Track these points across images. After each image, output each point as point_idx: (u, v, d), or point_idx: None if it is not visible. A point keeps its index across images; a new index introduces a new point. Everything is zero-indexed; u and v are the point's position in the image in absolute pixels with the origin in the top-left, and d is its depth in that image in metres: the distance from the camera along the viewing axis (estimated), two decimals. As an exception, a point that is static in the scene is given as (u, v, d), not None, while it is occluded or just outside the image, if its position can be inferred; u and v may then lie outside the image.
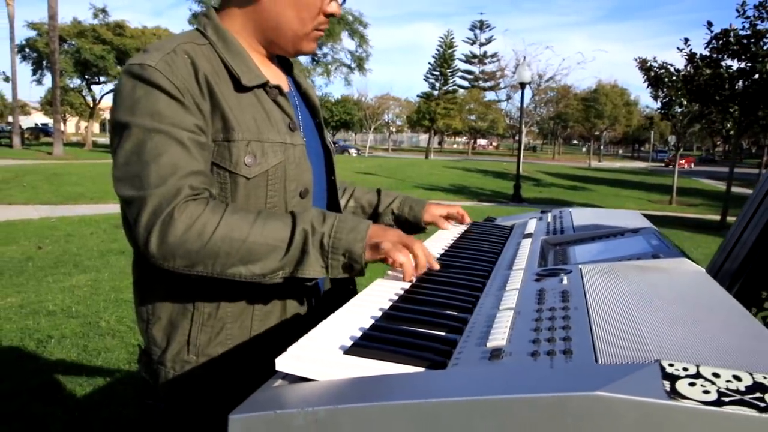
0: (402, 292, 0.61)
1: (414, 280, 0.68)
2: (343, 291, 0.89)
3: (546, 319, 0.44)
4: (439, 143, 54.93)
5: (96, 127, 38.99)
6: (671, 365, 0.32)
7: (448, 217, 1.09)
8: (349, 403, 0.35)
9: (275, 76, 0.86)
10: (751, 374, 0.31)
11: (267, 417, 0.35)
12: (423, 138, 56.82)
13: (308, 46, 0.84)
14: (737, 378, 0.31)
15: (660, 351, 0.35)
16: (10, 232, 6.70)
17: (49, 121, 43.65)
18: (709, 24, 10.25)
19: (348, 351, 0.43)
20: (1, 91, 51.57)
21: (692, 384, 0.30)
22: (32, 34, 29.15)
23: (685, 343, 0.37)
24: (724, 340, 0.37)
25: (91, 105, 32.48)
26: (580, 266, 0.59)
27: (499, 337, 0.42)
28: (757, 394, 0.30)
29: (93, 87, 31.98)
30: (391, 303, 0.57)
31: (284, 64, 0.93)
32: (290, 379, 0.42)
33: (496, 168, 25.68)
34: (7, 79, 24.08)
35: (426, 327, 0.49)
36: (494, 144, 70.64)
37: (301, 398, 0.37)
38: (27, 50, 29.27)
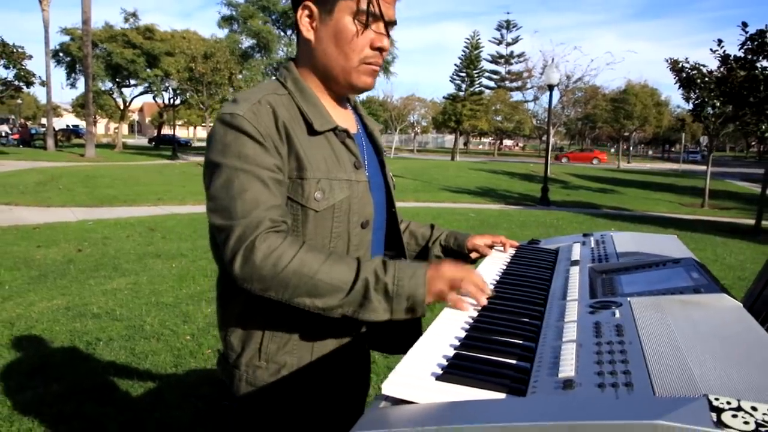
0: (471, 321, 0.70)
1: (478, 308, 0.77)
2: None
3: (606, 353, 0.52)
4: (465, 144, 54.56)
5: (125, 129, 39.79)
6: (717, 399, 0.40)
7: (491, 246, 1.16)
8: (452, 424, 0.44)
9: (345, 119, 0.97)
10: (783, 408, 0.39)
11: (384, 433, 0.45)
12: (448, 139, 56.55)
13: (360, 80, 0.92)
14: (772, 411, 0.39)
15: (706, 386, 0.43)
16: (50, 235, 7.00)
17: (80, 122, 44.53)
18: (744, 25, 9.92)
19: (440, 378, 0.53)
20: (34, 93, 53.24)
21: (734, 416, 0.39)
22: (66, 39, 29.66)
23: (726, 378, 0.45)
24: (759, 376, 0.45)
25: (122, 107, 33.21)
26: (628, 299, 0.66)
27: (567, 369, 0.50)
28: (788, 426, 0.38)
29: (123, 90, 32.60)
30: (463, 331, 0.66)
31: (355, 107, 1.04)
32: (391, 401, 0.52)
33: (523, 170, 25.34)
34: (43, 84, 24.83)
35: (499, 355, 0.58)
36: (520, 145, 69.60)
37: (408, 419, 0.47)
38: (61, 54, 30.03)
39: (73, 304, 4.11)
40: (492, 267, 1.00)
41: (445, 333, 0.66)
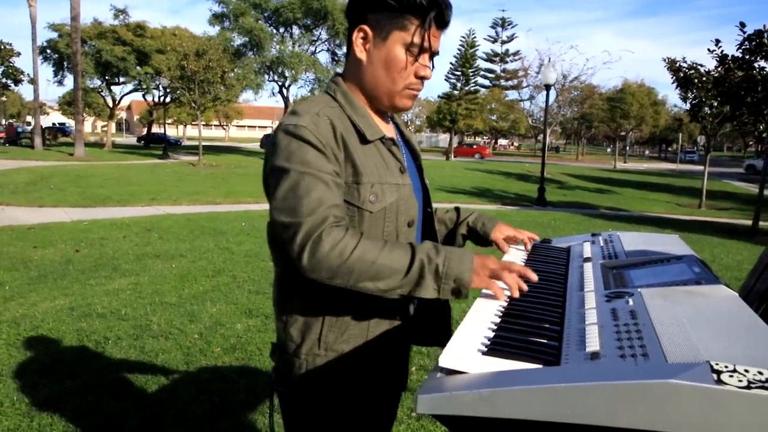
0: (503, 309, 0.81)
1: (506, 299, 0.87)
2: (435, 308, 1.10)
3: (624, 332, 0.63)
4: (459, 143, 54.73)
5: (113, 127, 39.20)
6: (717, 364, 0.51)
7: (514, 239, 1.23)
8: (500, 387, 0.54)
9: (387, 128, 1.08)
10: (769, 371, 0.50)
11: (446, 396, 0.55)
12: (442, 138, 56.54)
13: (402, 102, 1.03)
14: (760, 372, 0.50)
15: (708, 355, 0.54)
16: (46, 236, 6.98)
17: (66, 120, 43.51)
18: (742, 25, 10.05)
19: (486, 353, 0.63)
20: (19, 91, 52.32)
21: (731, 376, 0.49)
22: (53, 35, 29.06)
23: (724, 350, 0.55)
24: (750, 348, 0.55)
25: (111, 105, 32.76)
26: (639, 290, 0.77)
27: (593, 344, 0.61)
28: (773, 383, 0.48)
29: (113, 87, 31.95)
30: (497, 317, 0.77)
31: (392, 118, 1.14)
32: (446, 372, 0.62)
33: (519, 170, 25.47)
34: (31, 81, 24.45)
35: (532, 336, 0.68)
36: (515, 144, 69.82)
37: (464, 384, 0.57)
38: (48, 51, 29.41)
39: (76, 304, 4.15)
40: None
41: (482, 319, 0.77)
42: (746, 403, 0.47)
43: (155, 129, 37.89)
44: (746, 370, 0.50)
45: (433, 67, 1.04)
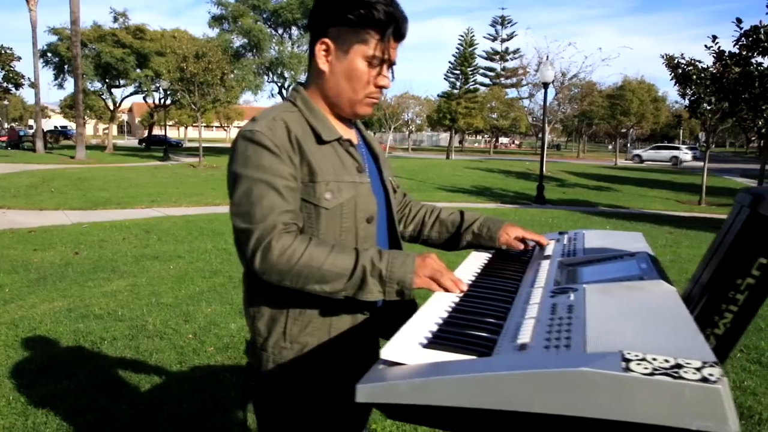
0: (454, 305, 0.85)
1: (461, 294, 0.91)
2: (402, 302, 1.14)
3: (556, 325, 0.66)
4: (460, 142, 54.65)
5: (114, 130, 39.29)
6: (629, 353, 0.55)
7: (524, 240, 1.22)
8: (433, 376, 0.58)
9: (347, 132, 1.13)
10: (675, 358, 0.54)
11: (383, 385, 0.59)
12: (443, 137, 56.54)
13: (363, 110, 1.10)
14: (667, 360, 0.53)
15: (626, 346, 0.58)
16: (46, 238, 7.08)
17: (68, 123, 43.55)
18: (739, 21, 10.04)
19: (425, 346, 0.68)
20: (21, 94, 52.40)
21: (639, 364, 0.53)
22: (54, 38, 29.23)
23: (643, 341, 0.59)
24: (668, 339, 0.59)
25: (112, 108, 32.87)
26: (584, 286, 0.81)
27: (525, 337, 0.65)
28: (675, 370, 0.52)
29: (113, 90, 32.20)
30: (446, 313, 0.81)
31: (355, 123, 1.20)
32: (388, 364, 0.66)
33: (519, 168, 25.47)
34: (32, 85, 24.56)
35: (474, 330, 0.72)
36: (516, 142, 69.71)
37: (402, 374, 0.61)
38: (49, 55, 29.61)
39: (74, 306, 4.20)
40: (477, 261, 1.15)
41: (431, 313, 0.81)
42: (649, 388, 0.51)
43: (156, 131, 38.01)
44: (654, 359, 0.53)
45: (393, 77, 1.10)
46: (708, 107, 12.46)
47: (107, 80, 30.88)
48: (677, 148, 35.13)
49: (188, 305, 4.29)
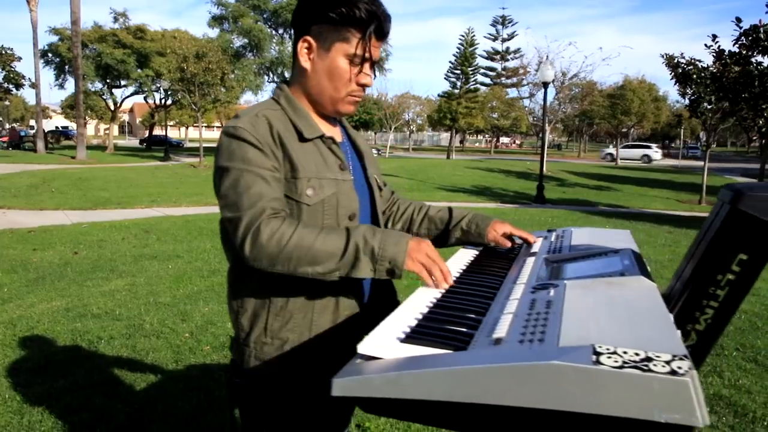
0: (436, 300, 0.85)
1: (443, 289, 0.91)
2: (383, 294, 1.14)
3: (533, 320, 0.66)
4: (461, 142, 54.60)
5: (115, 130, 39.31)
6: (600, 347, 0.55)
7: (511, 237, 1.22)
8: (407, 370, 0.58)
9: (330, 130, 1.14)
10: (645, 352, 0.54)
11: (358, 379, 0.59)
12: (444, 137, 56.50)
13: (345, 108, 1.10)
14: (637, 354, 0.54)
15: (598, 339, 0.58)
16: (46, 238, 7.09)
17: (69, 123, 43.60)
18: (738, 20, 10.02)
19: (403, 341, 0.68)
20: (22, 95, 52.55)
21: (609, 357, 0.53)
22: (54, 39, 29.24)
23: (617, 335, 0.59)
24: (641, 333, 0.59)
25: (112, 108, 32.86)
26: (566, 282, 0.81)
27: (501, 331, 0.65)
28: (645, 363, 0.52)
29: (114, 90, 32.12)
30: (427, 308, 0.81)
31: (340, 121, 1.20)
32: (365, 358, 0.66)
33: (519, 168, 25.46)
34: (33, 86, 24.60)
35: (454, 325, 0.73)
36: (517, 142, 69.65)
37: (377, 368, 0.61)
38: (49, 55, 29.62)
39: (72, 305, 4.21)
40: (464, 257, 1.15)
41: (413, 308, 0.81)
42: (619, 381, 0.51)
43: (157, 131, 38.05)
44: (624, 352, 0.54)
45: (375, 75, 1.10)
46: (708, 107, 12.43)
47: (108, 80, 30.93)
48: (648, 147, 36.94)
49: (186, 304, 4.30)
